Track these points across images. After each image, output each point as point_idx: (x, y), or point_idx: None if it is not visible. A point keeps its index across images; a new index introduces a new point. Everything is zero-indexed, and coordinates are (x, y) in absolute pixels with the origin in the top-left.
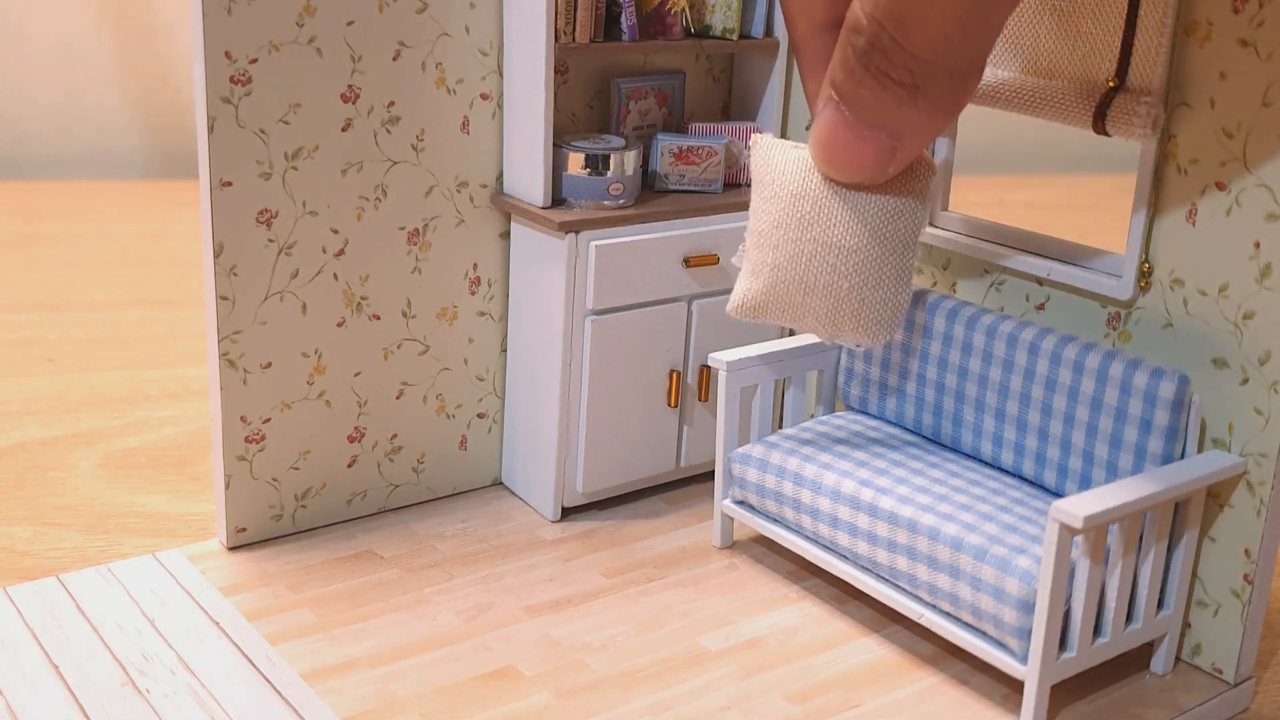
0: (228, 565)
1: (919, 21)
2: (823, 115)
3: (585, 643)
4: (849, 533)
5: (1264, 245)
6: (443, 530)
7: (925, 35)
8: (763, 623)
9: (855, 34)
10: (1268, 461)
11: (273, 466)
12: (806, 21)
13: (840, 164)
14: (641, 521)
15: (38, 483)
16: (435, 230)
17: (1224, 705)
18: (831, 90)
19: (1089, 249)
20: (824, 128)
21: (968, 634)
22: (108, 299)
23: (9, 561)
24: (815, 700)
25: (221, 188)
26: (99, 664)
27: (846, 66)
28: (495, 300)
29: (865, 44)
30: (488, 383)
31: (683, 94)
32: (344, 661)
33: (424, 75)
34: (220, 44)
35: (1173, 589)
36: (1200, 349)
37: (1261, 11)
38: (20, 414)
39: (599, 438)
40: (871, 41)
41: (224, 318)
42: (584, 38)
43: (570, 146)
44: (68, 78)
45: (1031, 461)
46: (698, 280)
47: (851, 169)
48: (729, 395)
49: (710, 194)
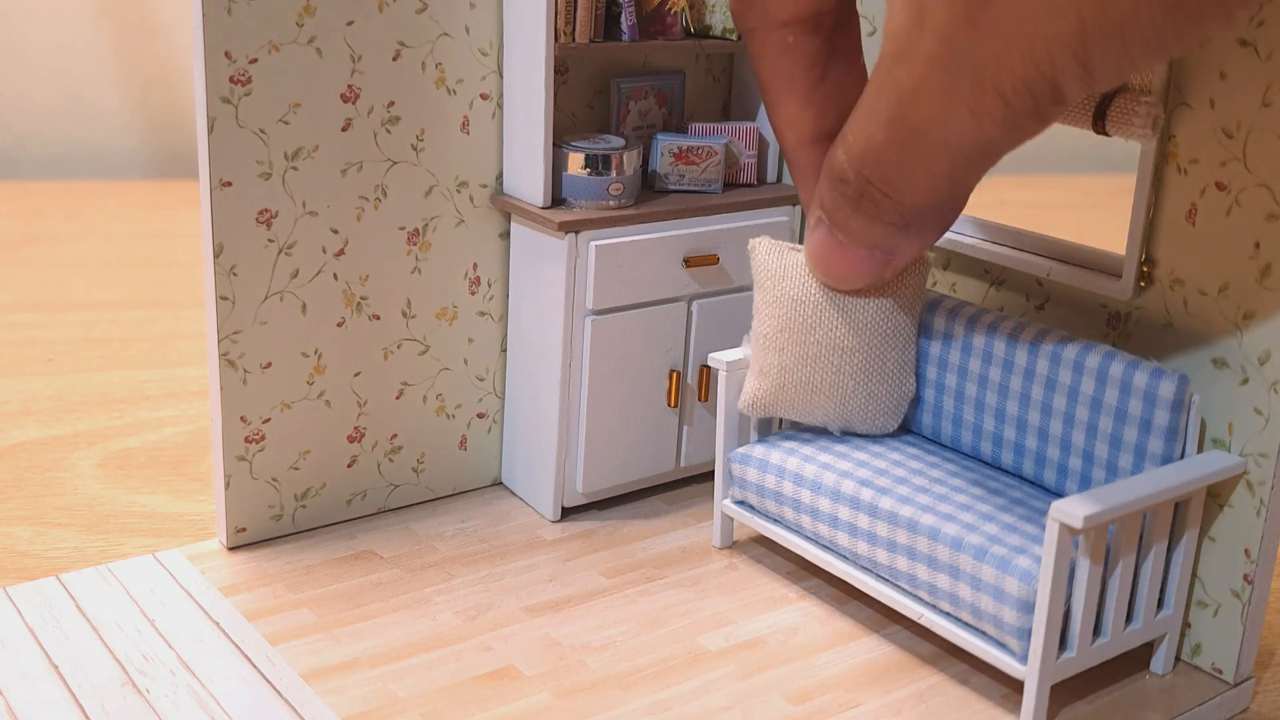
0: (228, 565)
1: (908, 180)
2: (815, 233)
3: (585, 643)
4: (849, 533)
5: (1264, 245)
6: (443, 530)
7: (914, 190)
8: (763, 623)
9: (842, 183)
10: (1268, 461)
11: (273, 466)
12: (795, 136)
13: (836, 277)
14: (641, 521)
15: (37, 483)
16: (435, 230)
17: (1224, 705)
18: (820, 212)
19: (1089, 249)
20: (817, 245)
21: (968, 634)
22: (108, 299)
23: (9, 561)
24: (815, 700)
25: (221, 188)
26: (99, 664)
27: (835, 202)
28: (495, 300)
29: (854, 194)
30: (488, 383)
31: (683, 94)
32: (344, 661)
33: (424, 75)
34: (220, 44)
35: (1172, 589)
36: (1200, 349)
37: (1261, 11)
38: (20, 414)
39: (599, 438)
40: (860, 192)
41: (224, 318)
42: (584, 38)
43: (570, 146)
44: (68, 78)
45: (1031, 461)
46: (698, 280)
47: (847, 281)
48: (729, 395)
49: (710, 194)
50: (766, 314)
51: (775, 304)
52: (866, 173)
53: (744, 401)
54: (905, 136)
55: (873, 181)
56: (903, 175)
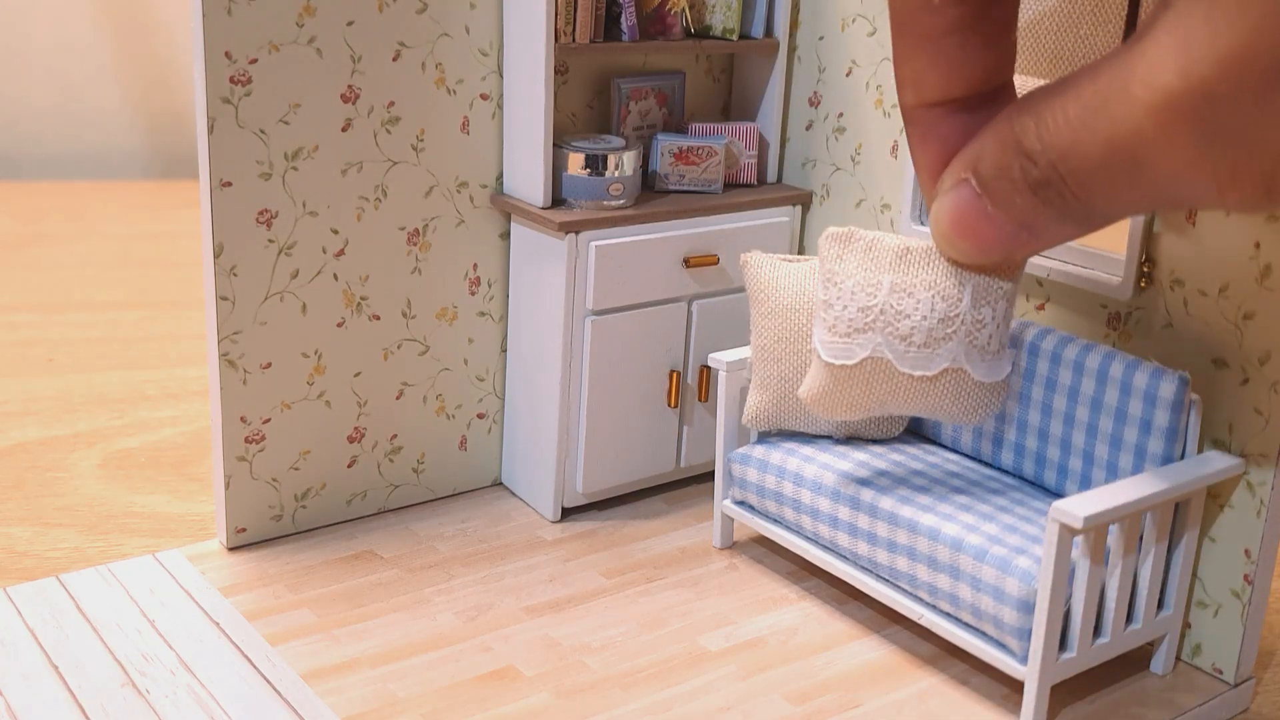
0: (228, 565)
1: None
2: (956, 194)
3: (585, 643)
4: (849, 533)
5: (1264, 245)
6: (443, 530)
7: (1109, 204)
8: (763, 623)
9: (1027, 161)
10: (1268, 461)
11: (273, 467)
12: (916, 96)
13: (968, 244)
14: (641, 522)
15: (38, 483)
16: (435, 230)
17: (1224, 706)
18: (970, 175)
19: (1089, 249)
20: (960, 207)
21: (968, 634)
22: (108, 299)
23: (9, 561)
24: (815, 700)
25: (221, 188)
26: (99, 664)
27: (1008, 177)
28: (495, 300)
29: (1037, 178)
30: (488, 383)
31: (683, 94)
32: (344, 661)
33: (424, 75)
34: (220, 44)
35: (1173, 589)
36: (1200, 349)
37: None
38: (20, 414)
39: (599, 438)
40: (1045, 180)
41: (224, 318)
42: (584, 38)
43: (570, 146)
44: (68, 78)
45: (1031, 462)
46: (698, 280)
47: (979, 252)
48: (729, 395)
49: (710, 194)
50: (763, 326)
51: (771, 315)
52: (1062, 170)
53: (747, 416)
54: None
55: (1067, 180)
56: (1103, 189)
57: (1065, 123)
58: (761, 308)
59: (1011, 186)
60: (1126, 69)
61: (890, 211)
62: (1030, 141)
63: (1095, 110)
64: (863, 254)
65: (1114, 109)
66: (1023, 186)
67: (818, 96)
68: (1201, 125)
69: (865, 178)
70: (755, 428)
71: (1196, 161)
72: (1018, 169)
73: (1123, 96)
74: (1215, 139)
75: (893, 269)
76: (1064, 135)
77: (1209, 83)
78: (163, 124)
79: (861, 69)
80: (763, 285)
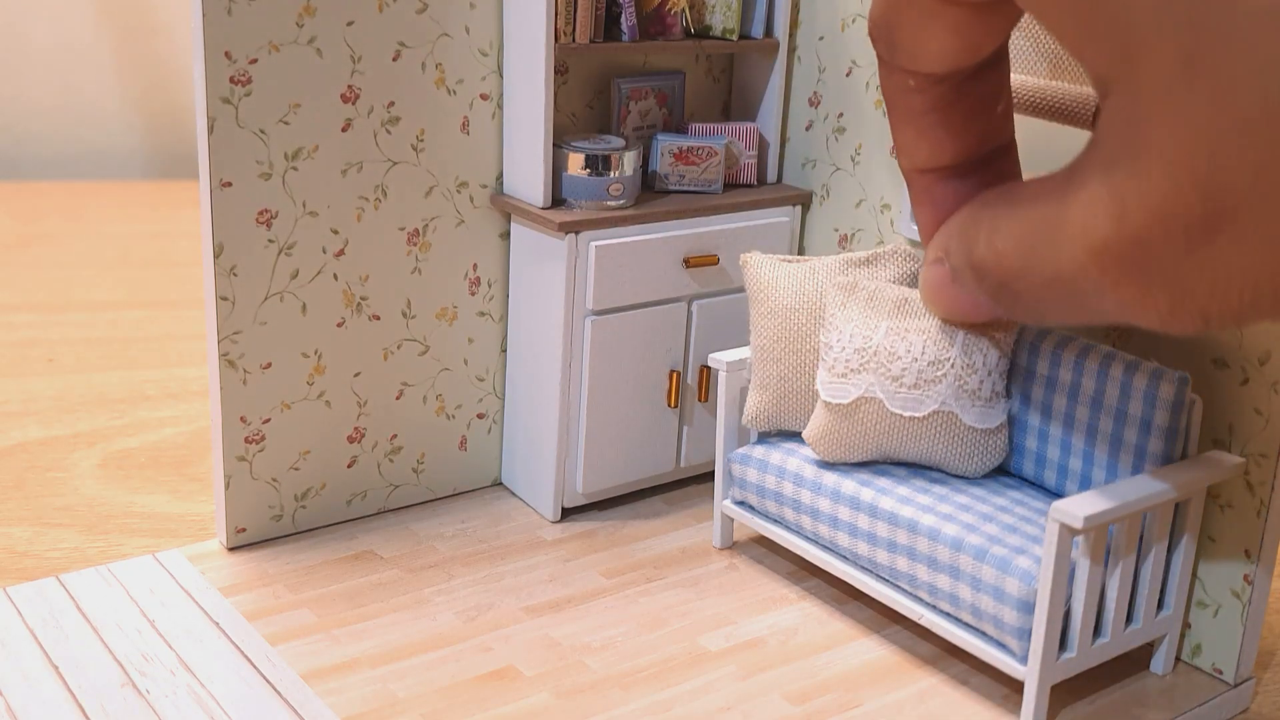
0: (228, 565)
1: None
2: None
3: (585, 643)
4: (849, 533)
5: None
6: (443, 531)
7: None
8: (763, 623)
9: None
10: (1268, 461)
11: (273, 467)
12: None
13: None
14: (641, 522)
15: (37, 483)
16: (435, 230)
17: (1224, 706)
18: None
19: None
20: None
21: (968, 634)
22: (108, 299)
23: (9, 561)
24: (815, 700)
25: (221, 188)
26: (99, 664)
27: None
28: (495, 300)
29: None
30: (488, 383)
31: (683, 94)
32: (344, 661)
33: (424, 75)
34: (220, 44)
35: (1173, 589)
36: (1200, 349)
37: None
38: (20, 414)
39: (599, 438)
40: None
41: (224, 318)
42: (584, 38)
43: (570, 147)
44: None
45: (1031, 462)
46: (698, 280)
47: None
48: (729, 395)
49: (710, 194)
50: (762, 326)
51: (770, 315)
52: (1016, 287)
53: (747, 416)
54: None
55: (1020, 296)
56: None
57: (1015, 245)
58: (761, 308)
59: (975, 283)
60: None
61: (890, 211)
62: (981, 254)
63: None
64: (864, 302)
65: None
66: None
67: (818, 96)
68: (1138, 269)
69: (865, 178)
70: (755, 428)
71: (1139, 298)
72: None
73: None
74: (1152, 281)
75: (890, 316)
76: (1013, 259)
77: (1142, 230)
78: (163, 124)
79: (861, 69)
80: (762, 285)
